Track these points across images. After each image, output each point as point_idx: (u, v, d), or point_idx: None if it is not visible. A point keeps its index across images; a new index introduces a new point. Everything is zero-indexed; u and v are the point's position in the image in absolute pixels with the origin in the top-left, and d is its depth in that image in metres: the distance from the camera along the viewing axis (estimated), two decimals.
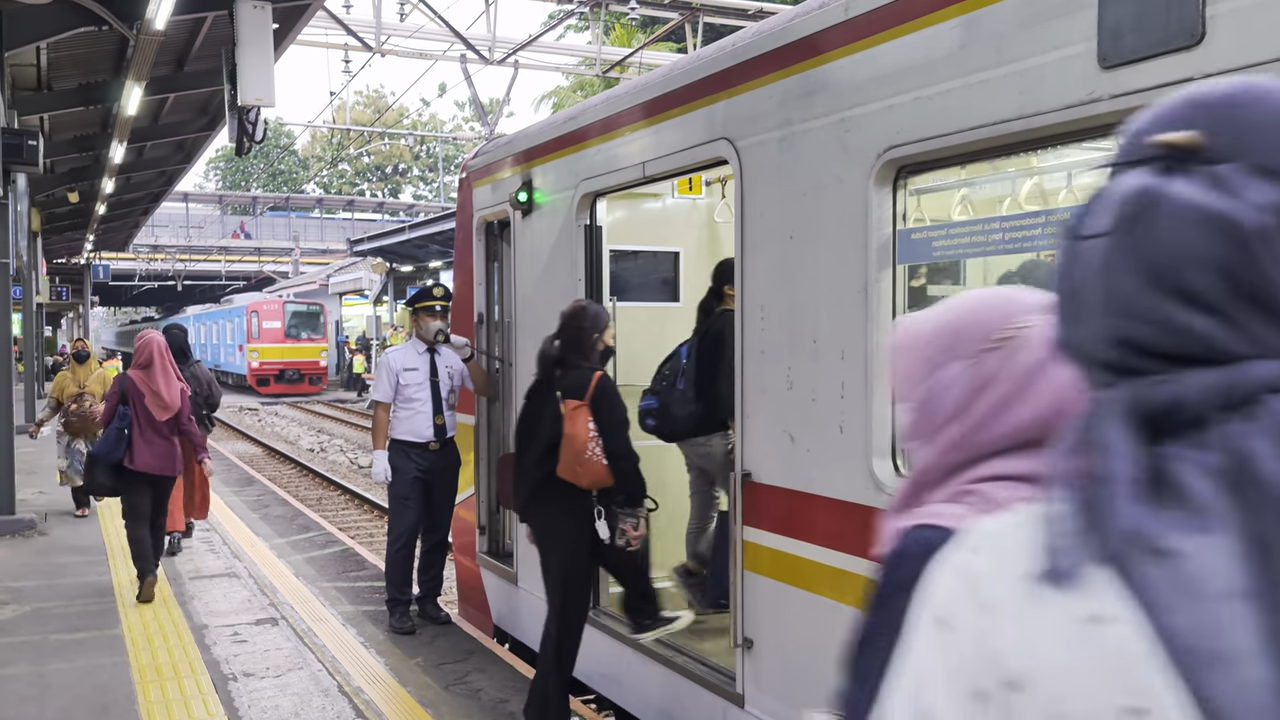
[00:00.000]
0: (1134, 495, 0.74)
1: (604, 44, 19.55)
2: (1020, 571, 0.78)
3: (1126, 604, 0.72)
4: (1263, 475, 0.70)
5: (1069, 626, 0.74)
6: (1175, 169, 0.79)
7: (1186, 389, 0.75)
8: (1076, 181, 4.60)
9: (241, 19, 8.72)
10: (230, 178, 73.70)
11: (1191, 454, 0.74)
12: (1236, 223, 0.74)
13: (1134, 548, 0.72)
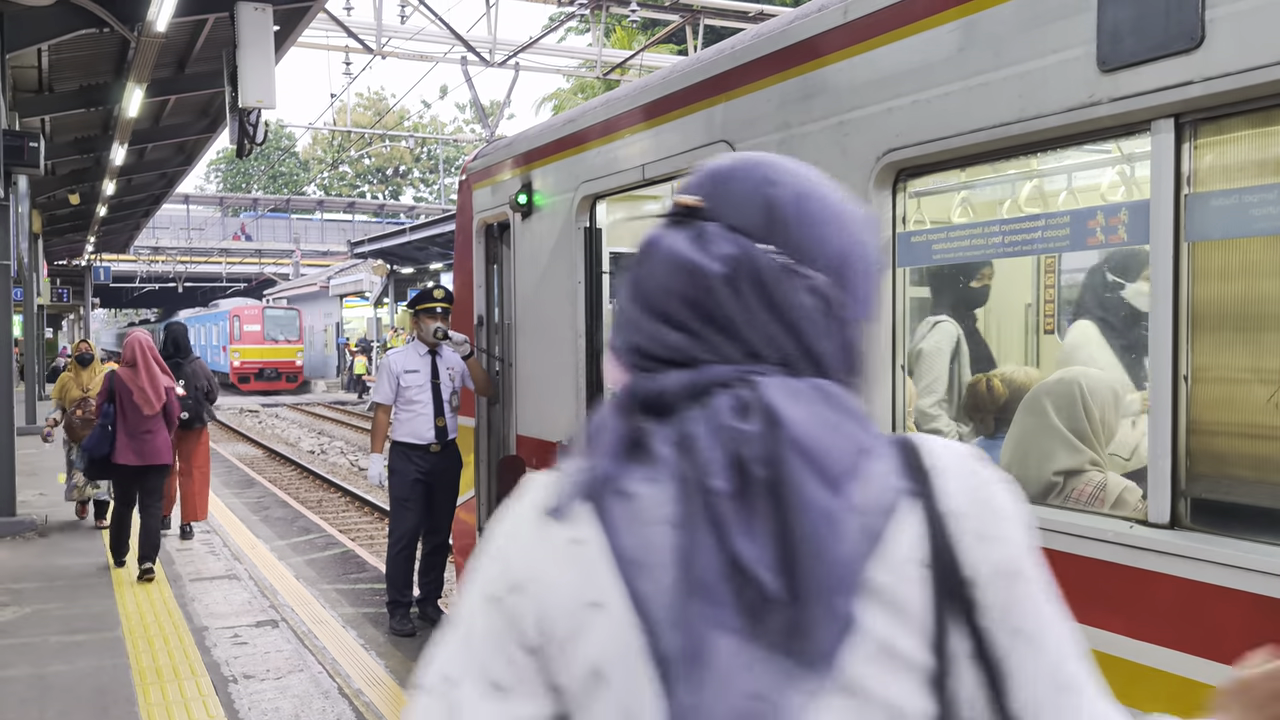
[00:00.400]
0: (614, 454, 1.02)
1: (605, 46, 19.56)
2: (537, 509, 1.05)
3: (596, 529, 0.99)
4: (697, 444, 0.98)
5: (558, 546, 1.01)
6: (680, 223, 1.06)
7: (667, 384, 1.02)
8: (1076, 184, 4.60)
9: (242, 21, 8.73)
10: (231, 180, 73.75)
11: (663, 429, 1.01)
12: (702, 268, 1.02)
13: (606, 490, 1.00)
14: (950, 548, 0.99)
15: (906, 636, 0.95)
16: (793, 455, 0.95)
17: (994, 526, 1.03)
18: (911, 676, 0.95)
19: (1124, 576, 2.72)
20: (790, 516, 0.94)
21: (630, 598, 0.95)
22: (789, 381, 1.00)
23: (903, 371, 3.55)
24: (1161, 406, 2.67)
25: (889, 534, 0.96)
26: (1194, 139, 2.62)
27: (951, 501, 1.01)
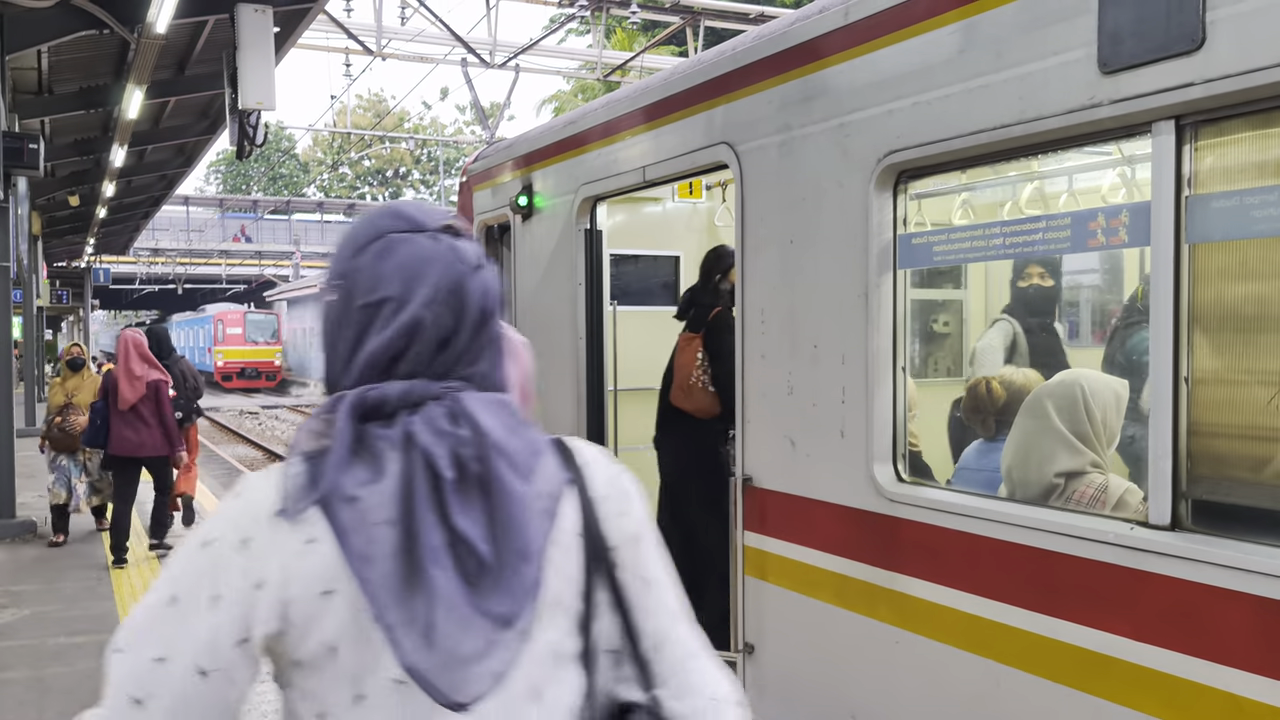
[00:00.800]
0: (340, 464, 1.22)
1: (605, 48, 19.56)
2: (269, 510, 1.23)
3: (328, 531, 1.20)
4: (419, 441, 1.23)
5: (295, 546, 1.21)
6: None
7: (388, 393, 1.26)
8: (1077, 186, 4.60)
9: (242, 23, 8.73)
10: (231, 181, 73.73)
11: (385, 432, 1.24)
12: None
13: (333, 497, 1.20)
14: (597, 522, 1.32)
15: (567, 590, 1.28)
16: (495, 454, 1.24)
17: (626, 505, 1.37)
18: (568, 621, 1.29)
19: (1125, 578, 2.72)
20: (496, 501, 1.23)
21: (360, 585, 1.18)
22: (479, 395, 1.30)
23: (903, 373, 3.55)
24: (1162, 408, 2.66)
25: (559, 512, 1.28)
26: (1195, 141, 2.62)
27: (598, 488, 1.34)
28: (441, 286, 1.30)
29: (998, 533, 3.09)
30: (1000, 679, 3.08)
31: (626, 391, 6.13)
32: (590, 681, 1.30)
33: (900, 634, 3.43)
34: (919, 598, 3.35)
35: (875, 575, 3.53)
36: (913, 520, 3.37)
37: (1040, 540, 2.95)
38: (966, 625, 3.18)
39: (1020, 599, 3.01)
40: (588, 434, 5.48)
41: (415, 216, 1.37)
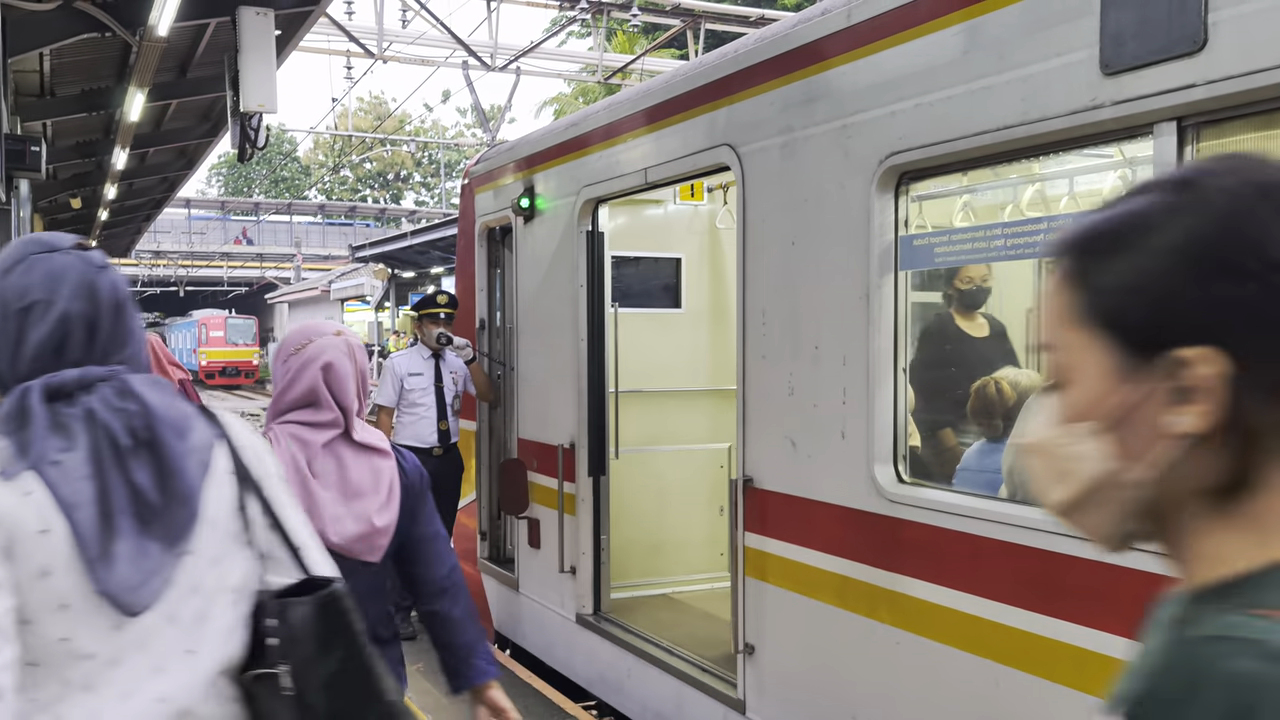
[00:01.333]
0: (42, 436, 1.56)
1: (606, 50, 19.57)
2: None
3: (41, 485, 1.53)
4: (98, 417, 1.59)
5: (16, 498, 1.53)
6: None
7: (65, 378, 1.61)
8: (1079, 188, 4.60)
9: (244, 26, 8.74)
10: (232, 184, 73.77)
11: (70, 410, 1.59)
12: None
13: (41, 461, 1.54)
14: (243, 464, 1.74)
15: (225, 513, 1.69)
16: (158, 422, 1.63)
17: (260, 453, 1.80)
18: (229, 537, 1.70)
19: (1126, 579, 2.72)
20: (161, 458, 1.62)
21: (69, 525, 1.53)
22: (138, 376, 1.68)
23: (904, 375, 3.55)
24: None
25: (213, 460, 1.69)
26: (1196, 142, 2.63)
27: (240, 440, 1.76)
28: (78, 285, 1.67)
29: (999, 533, 3.09)
30: (1001, 679, 3.08)
31: (627, 394, 6.14)
32: (248, 572, 1.73)
33: (901, 635, 3.44)
34: (920, 598, 3.35)
35: (876, 576, 3.53)
36: (914, 521, 3.38)
37: (1041, 541, 2.95)
38: (967, 626, 3.18)
39: (1021, 600, 3.02)
40: (589, 436, 5.49)
41: (50, 241, 1.74)
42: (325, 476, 2.59)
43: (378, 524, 2.62)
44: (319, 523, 2.44)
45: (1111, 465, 0.84)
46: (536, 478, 6.02)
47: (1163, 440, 0.81)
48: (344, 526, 2.57)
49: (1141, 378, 0.81)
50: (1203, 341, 0.77)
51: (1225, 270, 0.77)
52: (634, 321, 6.25)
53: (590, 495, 5.53)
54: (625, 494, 5.98)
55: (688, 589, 6.30)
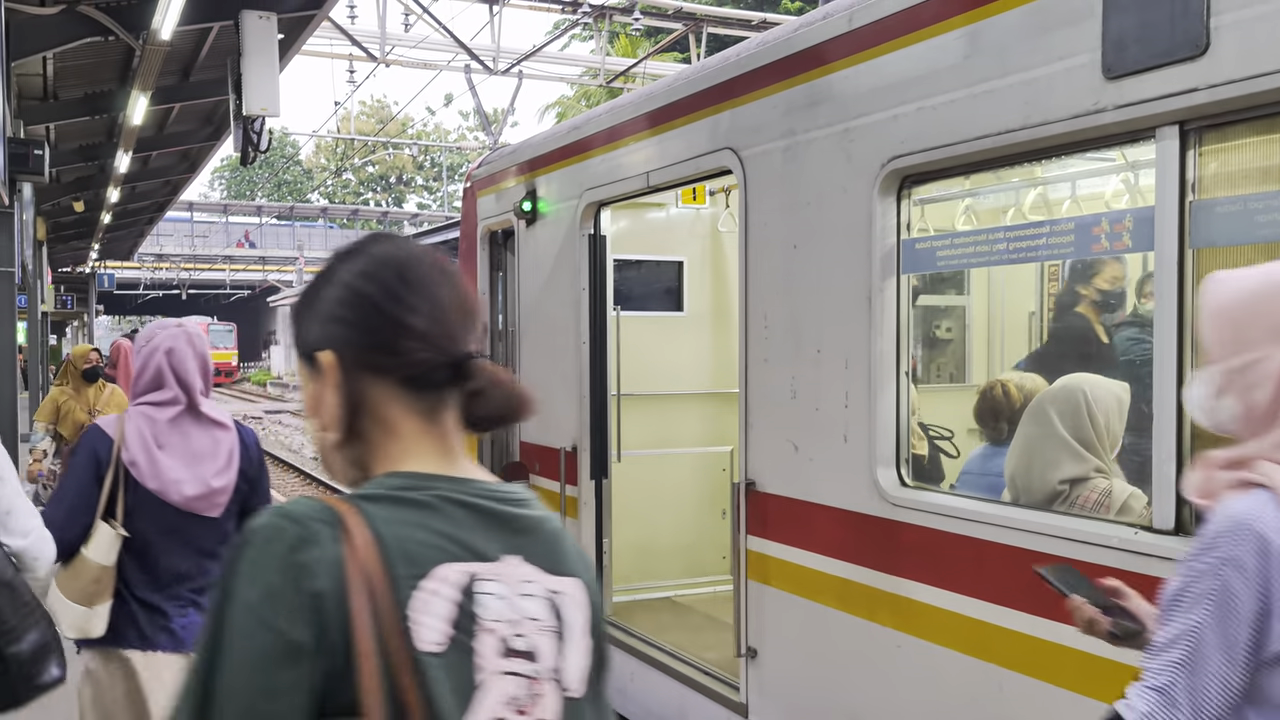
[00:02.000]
0: None
1: (608, 54, 19.59)
2: None
3: None
4: None
5: None
6: None
7: None
8: (1081, 191, 4.60)
9: (247, 29, 8.75)
10: (235, 187, 73.84)
11: None
12: None
13: None
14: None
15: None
16: None
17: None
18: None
19: (1129, 582, 2.72)
20: None
21: None
22: None
23: (907, 378, 3.55)
24: (1166, 412, 2.67)
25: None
26: (1199, 146, 2.63)
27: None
28: None
29: (1001, 537, 3.09)
30: (1003, 683, 3.07)
31: (629, 397, 6.14)
32: None
33: (903, 638, 3.43)
34: (922, 602, 3.35)
35: (878, 579, 3.53)
36: (916, 524, 3.38)
37: (1044, 545, 2.95)
38: (969, 629, 3.18)
39: (1023, 603, 3.01)
40: (591, 439, 5.49)
41: None
42: (171, 447, 3.12)
43: (214, 485, 3.16)
44: (163, 484, 3.07)
45: (323, 437, 1.29)
46: (539, 481, 6.02)
47: (328, 412, 1.27)
48: (185, 488, 3.12)
49: (315, 377, 1.28)
50: (328, 347, 1.27)
51: (333, 314, 1.27)
52: (636, 325, 6.25)
53: (592, 498, 5.53)
54: (627, 497, 5.97)
55: (690, 592, 6.30)
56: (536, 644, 1.20)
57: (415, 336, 1.24)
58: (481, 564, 1.19)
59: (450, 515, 1.19)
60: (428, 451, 1.25)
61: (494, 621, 1.17)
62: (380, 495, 1.19)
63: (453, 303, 1.27)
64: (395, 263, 1.27)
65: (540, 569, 1.24)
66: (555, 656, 1.22)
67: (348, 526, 1.12)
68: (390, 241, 1.31)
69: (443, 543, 1.17)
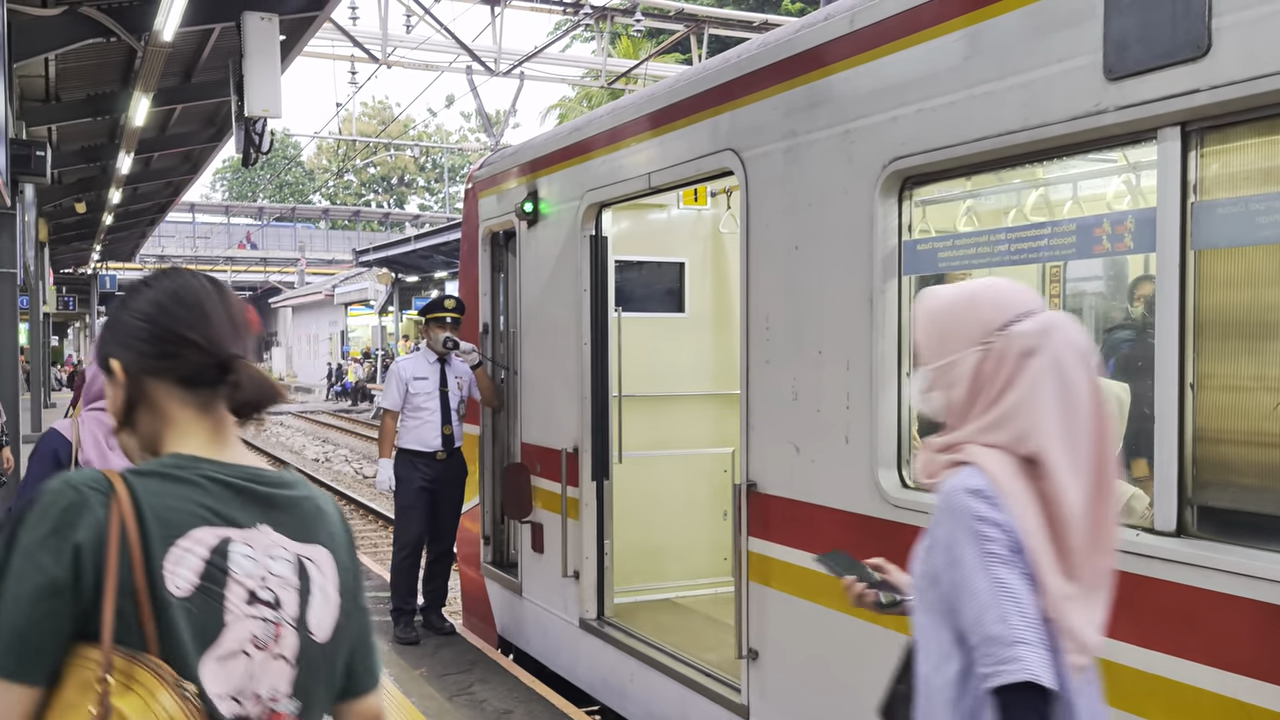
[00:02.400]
0: None
1: (609, 55, 19.59)
2: None
3: None
4: None
5: None
6: None
7: None
8: (1082, 192, 4.60)
9: (249, 31, 8.76)
10: (237, 189, 73.91)
11: None
12: None
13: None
14: None
15: None
16: None
17: None
18: None
19: (1130, 584, 2.72)
20: None
21: None
22: None
23: (908, 379, 3.55)
24: (1167, 414, 2.66)
25: None
26: (1200, 147, 2.62)
27: None
28: None
29: None
30: None
31: (631, 398, 6.14)
32: None
33: (905, 640, 3.43)
34: None
35: None
36: (917, 526, 3.37)
37: None
38: None
39: None
40: (592, 440, 5.49)
41: None
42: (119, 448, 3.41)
43: None
44: None
45: (121, 433, 1.59)
46: (540, 482, 6.02)
47: (113, 405, 1.58)
48: None
49: (110, 381, 1.58)
50: (116, 358, 1.56)
51: (125, 331, 1.57)
52: (637, 326, 6.25)
53: (594, 500, 5.53)
54: (629, 498, 5.97)
55: (691, 594, 6.30)
56: (281, 596, 1.49)
57: (187, 345, 1.53)
58: (235, 530, 1.47)
59: (210, 490, 1.48)
60: (199, 437, 1.55)
61: (243, 576, 1.46)
62: (150, 471, 1.48)
63: (221, 317, 1.58)
64: (173, 290, 1.58)
65: (290, 538, 1.53)
66: (298, 607, 1.51)
67: (117, 494, 1.41)
68: (172, 275, 1.61)
69: (200, 511, 1.45)
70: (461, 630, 7.09)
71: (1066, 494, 1.82)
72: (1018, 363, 1.88)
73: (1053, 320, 1.91)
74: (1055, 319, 1.92)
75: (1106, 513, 1.90)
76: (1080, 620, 1.82)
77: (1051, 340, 1.88)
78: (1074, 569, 1.83)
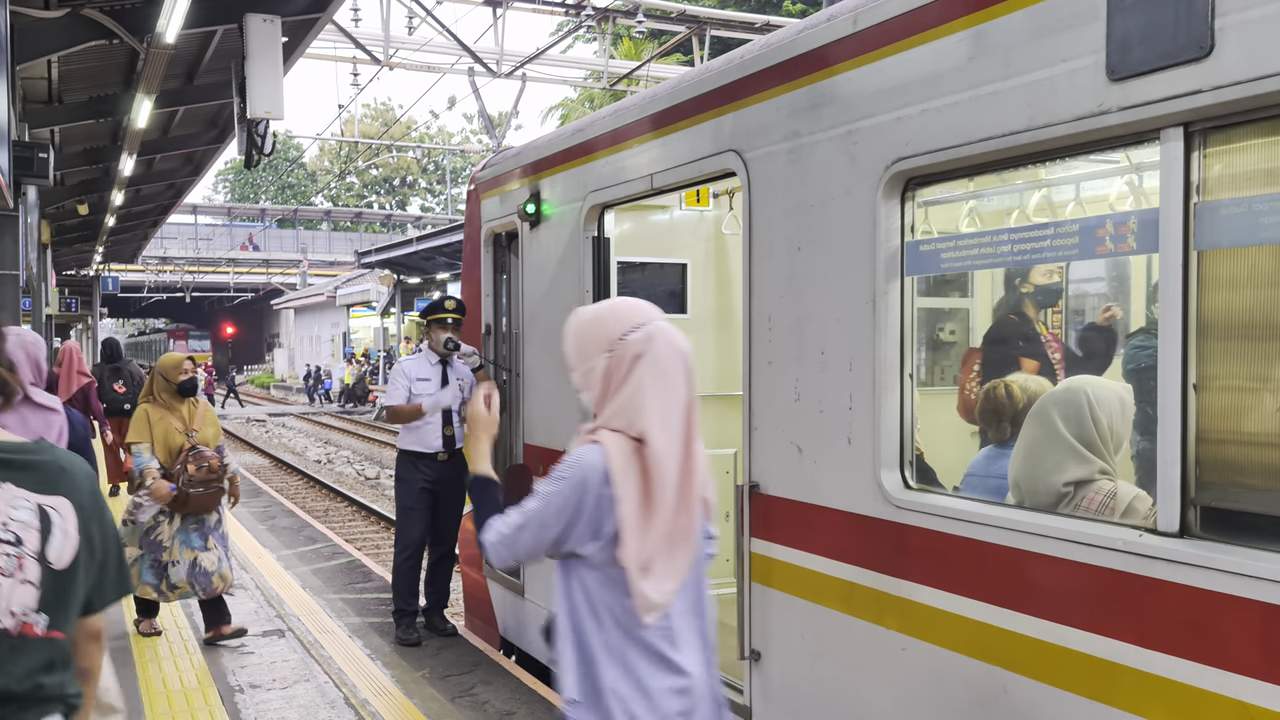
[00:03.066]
0: None
1: (611, 57, 19.60)
2: None
3: None
4: None
5: None
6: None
7: None
8: (1085, 193, 4.60)
9: (251, 33, 8.78)
10: (239, 190, 73.95)
11: None
12: None
13: None
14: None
15: None
16: None
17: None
18: None
19: (1133, 585, 2.72)
20: None
21: None
22: None
23: (910, 380, 3.55)
24: (1170, 415, 2.66)
25: None
26: (1203, 148, 2.62)
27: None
28: None
29: (1006, 539, 3.08)
30: (1008, 686, 3.07)
31: None
32: None
33: (907, 641, 3.43)
34: (926, 604, 3.35)
35: (882, 582, 3.52)
36: (920, 527, 3.37)
37: (1049, 547, 2.95)
38: (974, 632, 3.18)
39: (1028, 606, 3.01)
40: None
41: None
42: (12, 426, 3.61)
43: None
44: None
45: None
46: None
47: None
48: None
49: None
50: None
51: None
52: None
53: None
54: None
55: None
56: (22, 535, 1.92)
57: None
58: None
59: None
60: None
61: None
62: None
63: None
64: None
65: (32, 491, 1.96)
66: (39, 543, 1.94)
67: None
68: None
69: None
70: (464, 632, 7.09)
71: (662, 464, 2.40)
72: (630, 364, 2.41)
73: (657, 329, 2.45)
74: (659, 328, 2.45)
75: (692, 478, 2.50)
76: (648, 585, 2.38)
77: (654, 345, 2.42)
78: (664, 523, 2.40)
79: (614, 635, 2.41)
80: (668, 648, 2.43)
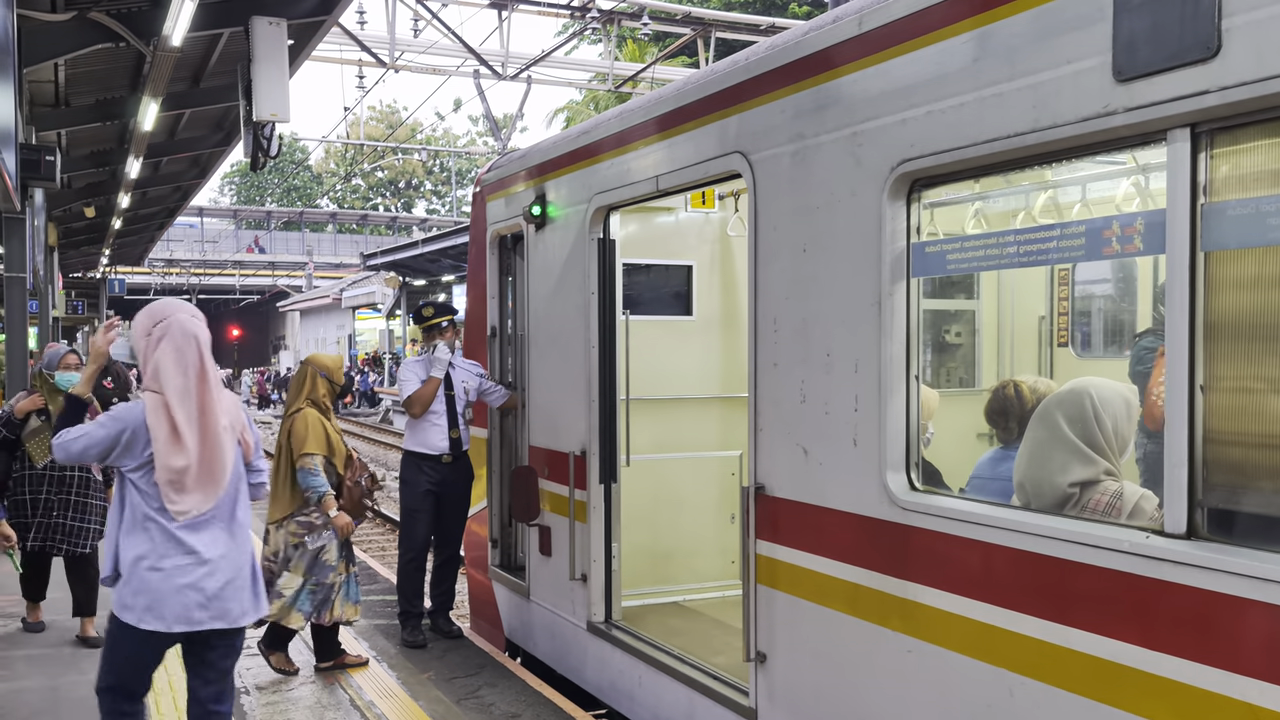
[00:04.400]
0: None
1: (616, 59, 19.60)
2: None
3: None
4: None
5: None
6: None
7: None
8: (1091, 194, 4.59)
9: (257, 35, 8.79)
10: (245, 193, 74.10)
11: None
12: None
13: None
14: None
15: None
16: None
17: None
18: None
19: (1140, 586, 2.71)
20: None
21: None
22: None
23: (916, 381, 3.55)
24: (1178, 416, 2.65)
25: None
26: (1210, 149, 2.62)
27: None
28: None
29: (1012, 541, 3.08)
30: (1014, 688, 3.06)
31: (639, 401, 6.13)
32: None
33: (913, 643, 3.42)
34: (932, 606, 3.34)
35: (888, 584, 3.52)
36: (926, 529, 3.37)
37: (1055, 549, 2.94)
38: (980, 634, 3.17)
39: (1034, 608, 3.00)
40: (600, 443, 5.49)
41: None
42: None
43: None
44: None
45: None
46: (547, 485, 6.02)
47: None
48: None
49: None
50: None
51: None
52: (645, 329, 6.25)
53: (601, 503, 5.53)
54: (636, 501, 5.97)
55: (699, 596, 6.29)
56: None
57: None
58: None
59: None
60: None
61: None
62: None
63: None
64: None
65: None
66: None
67: None
68: None
69: None
70: (469, 633, 7.09)
71: (177, 413, 3.57)
72: (157, 345, 3.61)
73: (174, 320, 3.63)
74: (176, 319, 3.64)
75: (210, 420, 3.62)
76: (175, 494, 3.57)
77: (171, 330, 3.62)
78: (190, 453, 3.56)
79: (146, 526, 3.59)
80: (187, 535, 3.59)
